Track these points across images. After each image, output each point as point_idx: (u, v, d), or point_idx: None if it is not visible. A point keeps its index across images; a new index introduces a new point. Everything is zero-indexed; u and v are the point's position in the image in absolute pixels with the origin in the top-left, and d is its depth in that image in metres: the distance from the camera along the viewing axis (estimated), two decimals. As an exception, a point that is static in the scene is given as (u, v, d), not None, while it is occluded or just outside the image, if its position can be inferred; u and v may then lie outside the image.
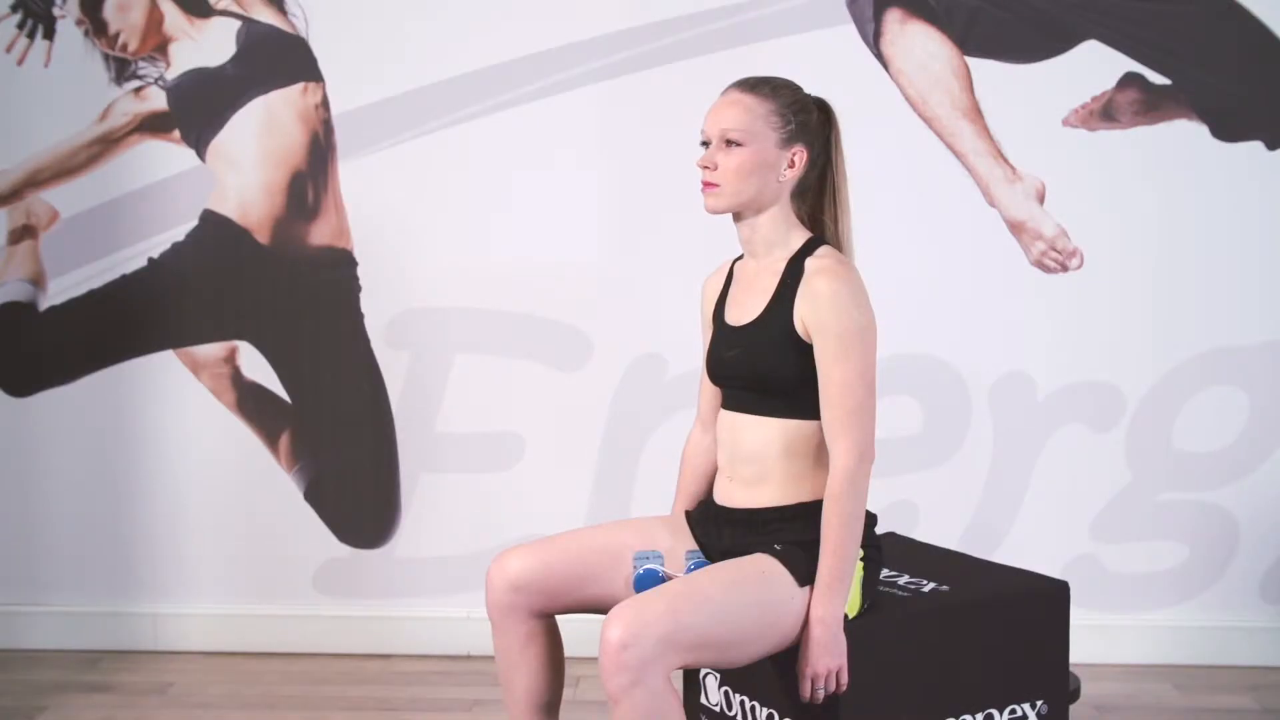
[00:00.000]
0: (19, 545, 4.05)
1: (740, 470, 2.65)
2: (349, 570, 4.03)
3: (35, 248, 3.98)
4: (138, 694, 3.74)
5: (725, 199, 2.61)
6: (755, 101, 2.60)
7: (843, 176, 2.69)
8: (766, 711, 2.69)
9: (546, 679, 2.75)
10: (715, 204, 2.62)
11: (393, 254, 3.93)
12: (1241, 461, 3.88)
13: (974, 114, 3.82)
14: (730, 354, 2.66)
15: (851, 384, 2.56)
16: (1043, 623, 2.77)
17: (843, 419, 2.55)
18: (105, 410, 4.01)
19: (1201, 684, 3.77)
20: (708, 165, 2.61)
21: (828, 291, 2.54)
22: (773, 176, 2.60)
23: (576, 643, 2.92)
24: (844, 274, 2.57)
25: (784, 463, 2.60)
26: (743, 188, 2.59)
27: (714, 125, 2.62)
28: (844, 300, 2.54)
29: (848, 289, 2.55)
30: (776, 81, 2.64)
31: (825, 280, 2.55)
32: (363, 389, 3.97)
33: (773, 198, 2.62)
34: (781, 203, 2.63)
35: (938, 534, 3.54)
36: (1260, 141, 3.80)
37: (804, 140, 2.62)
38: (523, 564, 2.67)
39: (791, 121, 2.60)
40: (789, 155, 2.61)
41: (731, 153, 2.59)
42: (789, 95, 2.62)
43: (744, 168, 2.58)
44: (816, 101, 2.67)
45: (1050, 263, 3.86)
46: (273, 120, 3.91)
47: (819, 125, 2.65)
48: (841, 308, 2.54)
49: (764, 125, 2.59)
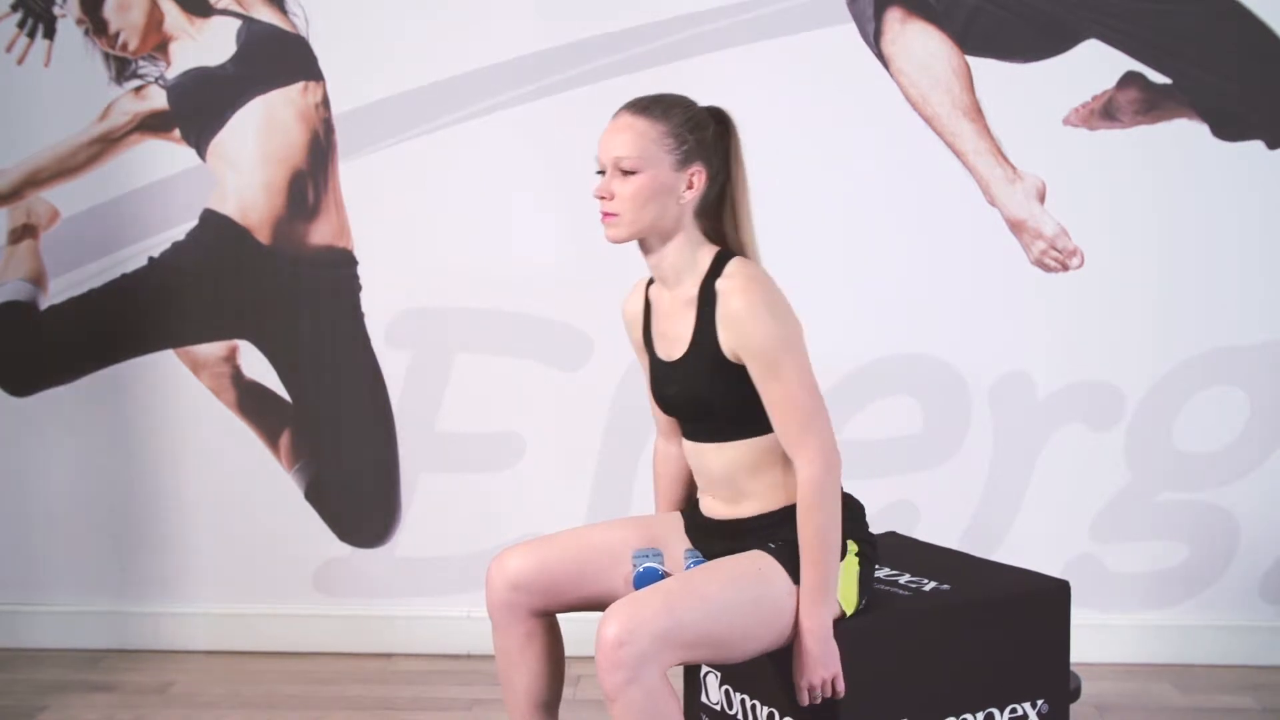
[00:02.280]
0: (20, 544, 4.06)
1: (717, 492, 2.66)
2: (349, 569, 4.03)
3: (35, 247, 3.98)
4: (138, 693, 3.74)
5: (625, 228, 2.54)
6: (647, 125, 2.53)
7: (742, 186, 2.63)
8: (767, 710, 2.69)
9: (546, 677, 2.75)
10: (615, 234, 2.55)
11: (393, 253, 3.93)
12: (1242, 461, 3.88)
13: (974, 113, 3.82)
14: (670, 390, 2.64)
15: (792, 395, 2.51)
16: (1043, 622, 2.77)
17: (795, 432, 2.51)
18: (106, 410, 4.01)
19: (1202, 683, 3.77)
20: (604, 195, 2.54)
21: (743, 311, 2.49)
22: (672, 200, 2.54)
23: (577, 642, 2.92)
24: (753, 287, 2.51)
25: (756, 479, 2.60)
26: (641, 215, 2.53)
27: (607, 152, 2.55)
28: (760, 315, 2.49)
29: (761, 301, 2.50)
30: (668, 100, 2.58)
31: (738, 299, 2.50)
32: (363, 388, 3.97)
33: (675, 220, 2.56)
34: (685, 226, 2.58)
35: (938, 533, 3.54)
36: (1260, 141, 3.80)
37: (701, 158, 2.56)
38: (522, 563, 2.67)
39: (686, 141, 2.53)
40: (687, 176, 2.55)
41: (627, 180, 2.52)
42: (681, 114, 2.55)
43: (640, 194, 2.52)
44: (713, 113, 2.61)
45: (1051, 262, 3.85)
46: (273, 119, 3.91)
47: (716, 139, 2.59)
48: (759, 323, 2.49)
49: (658, 149, 2.52)
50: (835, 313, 3.88)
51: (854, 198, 3.86)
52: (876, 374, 3.90)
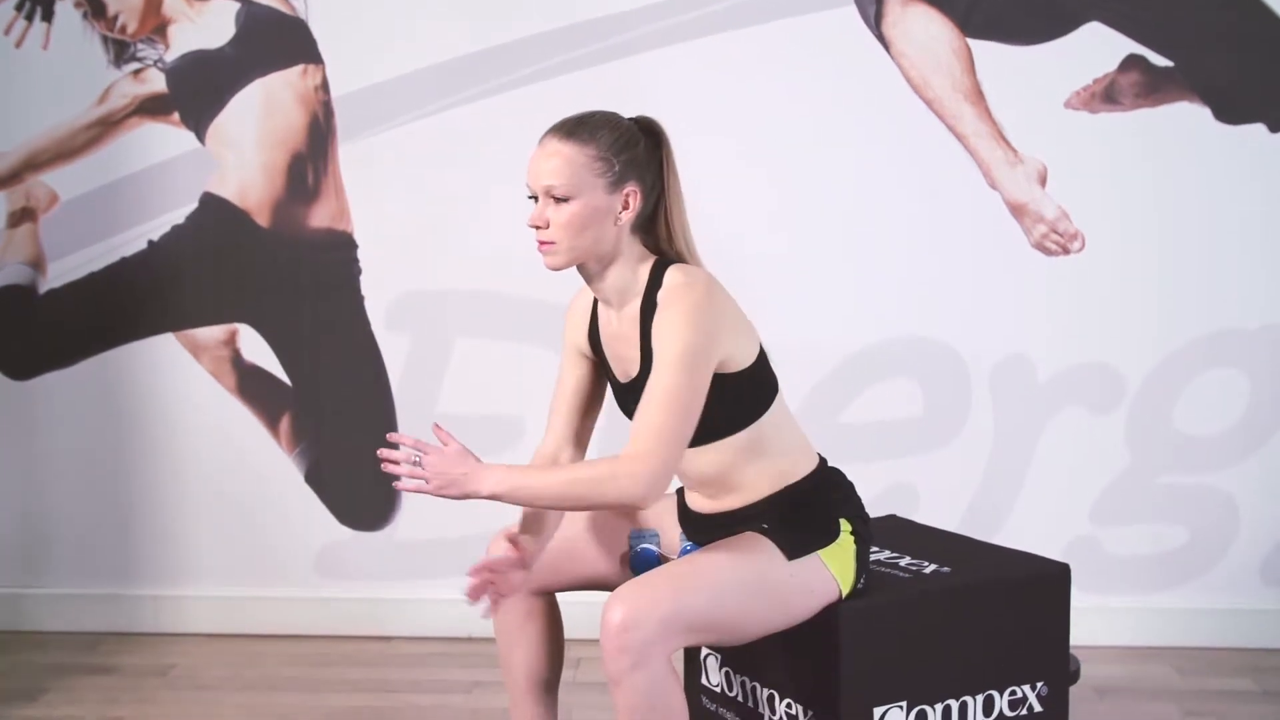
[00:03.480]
0: (21, 528, 4.06)
1: (704, 490, 2.65)
2: (350, 552, 4.03)
3: (35, 231, 3.98)
4: (139, 676, 3.75)
5: (563, 255, 2.49)
6: (574, 150, 2.46)
7: (676, 196, 2.55)
8: (768, 692, 2.69)
9: (545, 656, 2.76)
10: (554, 262, 2.50)
11: (393, 236, 3.93)
12: (1242, 444, 3.88)
13: (975, 96, 3.81)
14: (633, 410, 2.57)
15: (660, 401, 2.39)
16: (1043, 605, 2.77)
17: (642, 432, 2.39)
18: (106, 393, 4.01)
19: (1202, 666, 3.78)
20: (538, 224, 2.48)
21: (665, 316, 2.44)
22: (609, 222, 2.48)
23: (578, 624, 2.92)
24: (681, 294, 2.44)
25: (739, 474, 2.59)
26: (579, 241, 2.47)
27: (536, 180, 2.49)
28: (675, 324, 2.41)
29: (684, 309, 2.41)
30: (594, 121, 2.50)
31: (664, 309, 2.45)
32: (363, 371, 3.97)
33: (613, 243, 2.50)
34: (624, 246, 2.51)
35: (939, 516, 3.54)
36: (1262, 124, 3.79)
37: (634, 177, 2.48)
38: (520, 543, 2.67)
39: (616, 162, 2.46)
40: (621, 197, 2.48)
41: (560, 208, 2.46)
42: (609, 135, 2.48)
43: (575, 221, 2.46)
44: (643, 126, 2.54)
45: (1052, 245, 3.85)
46: (272, 102, 3.90)
47: (648, 154, 2.51)
48: (670, 330, 2.41)
49: (588, 174, 2.45)
50: (836, 296, 3.88)
51: (855, 181, 3.86)
52: (877, 357, 3.90)
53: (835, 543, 2.55)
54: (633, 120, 2.55)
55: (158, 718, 3.46)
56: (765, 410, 2.55)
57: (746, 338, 2.53)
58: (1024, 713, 2.73)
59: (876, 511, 3.19)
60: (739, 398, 2.52)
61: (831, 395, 3.91)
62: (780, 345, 3.84)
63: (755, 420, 2.55)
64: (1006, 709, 2.71)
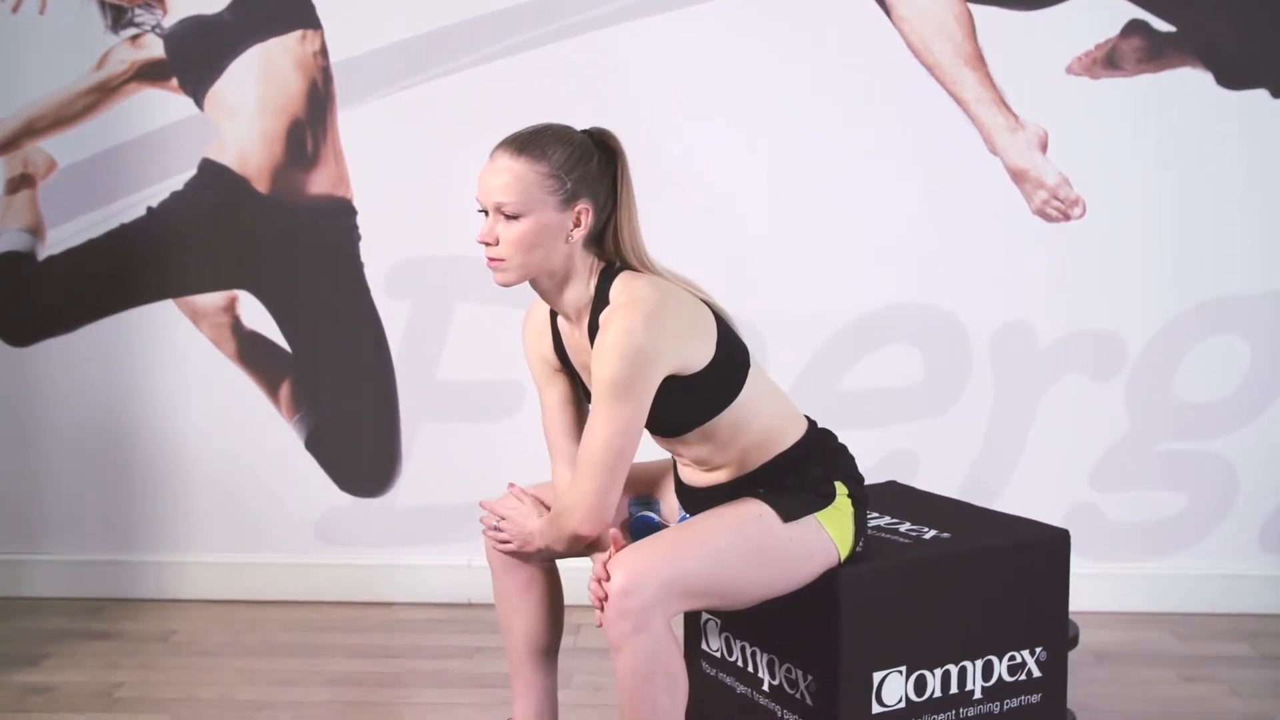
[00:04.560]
0: (21, 494, 4.06)
1: (695, 466, 2.64)
2: (350, 519, 4.04)
3: (33, 197, 3.97)
4: (140, 641, 3.76)
5: (514, 272, 2.46)
6: (525, 167, 2.42)
7: (628, 210, 2.51)
8: (767, 657, 2.70)
9: (546, 623, 2.77)
10: (504, 279, 2.47)
11: (392, 202, 3.92)
12: (1242, 411, 3.89)
13: (976, 61, 3.80)
14: None
15: (597, 433, 2.42)
16: (1043, 571, 2.78)
17: (583, 467, 2.44)
18: (105, 360, 4.00)
19: (1200, 632, 3.79)
20: (488, 240, 2.45)
21: (600, 343, 2.42)
22: (560, 239, 2.45)
23: (579, 590, 2.93)
24: (616, 318, 2.40)
25: (725, 452, 2.58)
26: (529, 259, 2.45)
27: (486, 196, 2.45)
28: (607, 351, 2.39)
29: (618, 334, 2.38)
30: (545, 137, 2.46)
31: (601, 332, 2.42)
32: (363, 337, 3.97)
33: (565, 259, 2.47)
34: (577, 262, 2.49)
35: (938, 483, 3.55)
36: (1265, 90, 3.78)
37: (587, 194, 2.46)
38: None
39: (568, 180, 2.43)
40: (573, 214, 2.45)
41: (510, 225, 2.43)
42: (561, 152, 2.44)
43: (525, 240, 2.43)
44: (596, 140, 2.51)
45: (1052, 211, 3.84)
46: (271, 68, 3.89)
47: (601, 170, 2.48)
48: (605, 362, 2.39)
49: (539, 191, 2.42)
50: (836, 262, 3.88)
51: (854, 146, 3.85)
52: (877, 323, 3.90)
53: (832, 505, 2.56)
54: (586, 133, 2.51)
55: (159, 683, 3.48)
56: (737, 394, 2.53)
57: (699, 342, 2.48)
58: (1022, 677, 2.74)
59: (876, 478, 3.20)
60: (703, 395, 2.51)
61: (832, 362, 3.91)
62: (780, 312, 3.86)
63: (728, 405, 2.53)
64: (1005, 674, 2.73)
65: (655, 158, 3.80)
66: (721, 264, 3.79)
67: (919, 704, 2.64)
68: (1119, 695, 3.36)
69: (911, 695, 2.63)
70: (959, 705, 2.68)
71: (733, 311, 2.62)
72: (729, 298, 2.71)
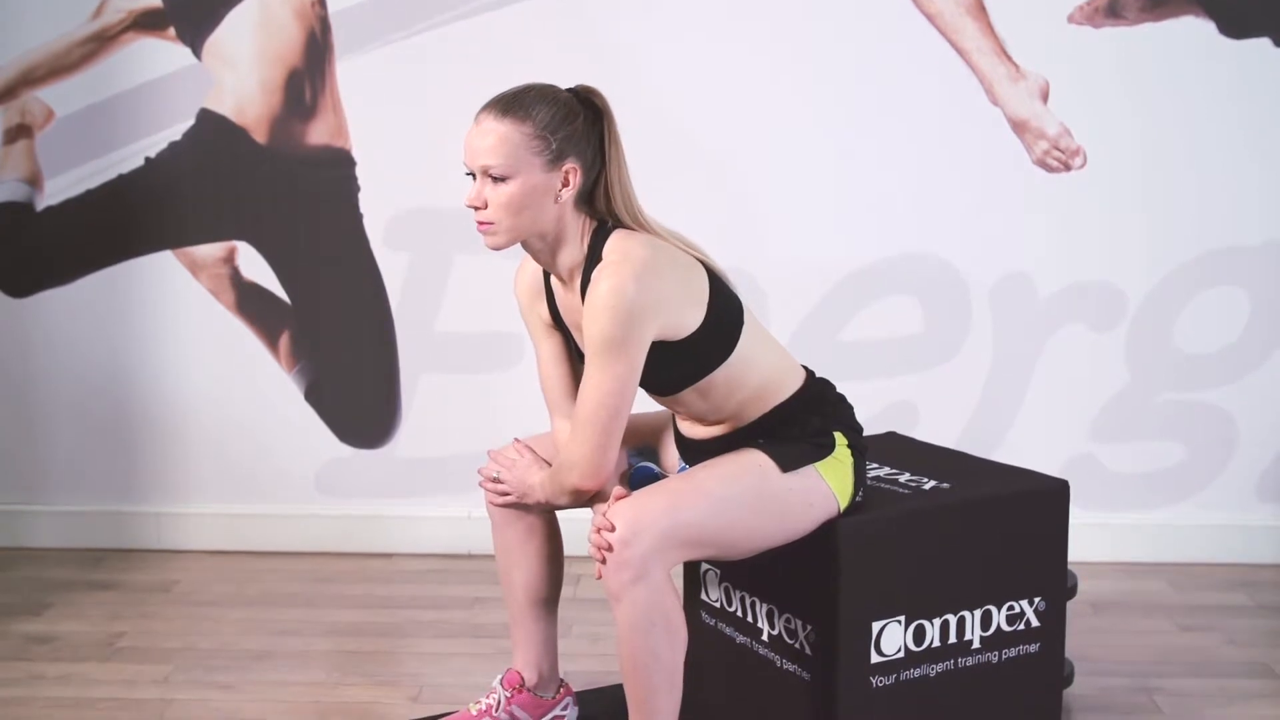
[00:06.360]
0: (21, 445, 4.07)
1: (693, 420, 2.64)
2: (350, 470, 4.05)
3: (31, 147, 3.95)
4: (142, 591, 3.77)
5: (504, 235, 2.45)
6: (510, 128, 2.41)
7: (618, 167, 2.50)
8: (767, 607, 2.71)
9: (545, 573, 2.78)
10: (494, 242, 2.47)
11: (391, 153, 3.91)
12: (1241, 362, 3.89)
13: (977, 10, 3.77)
14: None
15: (593, 392, 2.43)
16: (1042, 521, 2.78)
17: (580, 425, 2.46)
18: (105, 311, 4.00)
19: (1197, 581, 3.80)
20: (476, 204, 2.45)
21: (589, 302, 2.41)
22: (549, 200, 2.44)
23: (578, 541, 2.93)
24: (605, 276, 2.39)
25: (722, 407, 2.58)
26: (519, 221, 2.44)
27: (473, 159, 2.45)
28: (597, 310, 2.38)
29: (606, 293, 2.37)
30: (530, 97, 2.44)
31: (590, 290, 2.42)
32: (362, 289, 3.97)
33: (555, 219, 2.46)
34: (568, 222, 2.48)
35: (938, 433, 3.56)
36: (1268, 38, 3.76)
37: (574, 153, 2.44)
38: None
39: (554, 139, 2.42)
40: (560, 174, 2.43)
41: (498, 188, 2.42)
42: (546, 112, 2.42)
43: (514, 202, 2.42)
44: (582, 98, 2.48)
45: (1053, 162, 3.83)
46: (269, 18, 3.86)
47: (587, 128, 2.46)
48: (597, 320, 2.39)
49: (525, 152, 2.41)
50: (836, 213, 3.87)
51: (854, 96, 3.83)
52: (877, 274, 3.89)
53: (832, 455, 2.56)
54: (571, 91, 2.50)
55: (160, 633, 3.49)
56: (731, 351, 2.52)
57: (690, 307, 2.47)
58: (1021, 627, 2.76)
59: (876, 429, 3.20)
60: (693, 357, 2.50)
61: (831, 313, 3.91)
62: (780, 263, 3.86)
63: (723, 362, 2.52)
64: (1004, 623, 2.74)
65: (654, 108, 3.79)
66: (722, 216, 3.79)
67: (918, 654, 2.65)
68: (1117, 645, 3.38)
69: (910, 645, 2.65)
70: (958, 655, 2.70)
71: (732, 264, 2.61)
72: (728, 250, 2.70)
